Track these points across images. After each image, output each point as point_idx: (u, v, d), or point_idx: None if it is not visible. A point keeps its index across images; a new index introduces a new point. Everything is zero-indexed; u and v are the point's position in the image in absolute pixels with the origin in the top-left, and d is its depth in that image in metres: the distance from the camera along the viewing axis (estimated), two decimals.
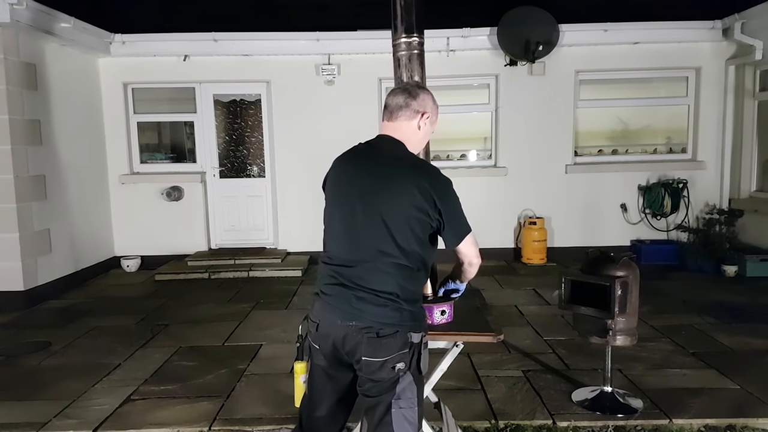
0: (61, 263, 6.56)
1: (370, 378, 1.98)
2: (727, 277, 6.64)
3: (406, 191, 1.96)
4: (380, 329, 1.94)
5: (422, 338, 2.02)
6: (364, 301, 1.95)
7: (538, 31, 7.10)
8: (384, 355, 1.93)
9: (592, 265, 3.42)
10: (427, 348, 2.07)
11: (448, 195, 2.02)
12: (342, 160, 2.18)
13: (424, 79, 2.52)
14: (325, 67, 7.51)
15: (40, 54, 6.32)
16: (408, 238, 1.97)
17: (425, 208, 1.96)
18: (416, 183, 1.97)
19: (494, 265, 7.49)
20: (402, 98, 2.10)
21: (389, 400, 1.96)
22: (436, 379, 2.51)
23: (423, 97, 2.11)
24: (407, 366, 1.96)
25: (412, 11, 2.43)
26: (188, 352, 4.56)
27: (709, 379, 3.87)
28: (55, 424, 3.42)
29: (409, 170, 2.02)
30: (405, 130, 2.09)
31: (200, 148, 7.91)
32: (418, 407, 2.01)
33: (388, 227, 1.95)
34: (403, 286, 1.97)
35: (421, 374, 2.03)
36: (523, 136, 7.71)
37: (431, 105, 2.13)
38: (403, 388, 1.96)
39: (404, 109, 2.08)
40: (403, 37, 2.45)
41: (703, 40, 7.46)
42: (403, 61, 2.46)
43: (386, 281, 1.96)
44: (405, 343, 1.95)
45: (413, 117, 2.09)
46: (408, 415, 1.96)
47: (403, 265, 1.97)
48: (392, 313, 1.95)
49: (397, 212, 1.96)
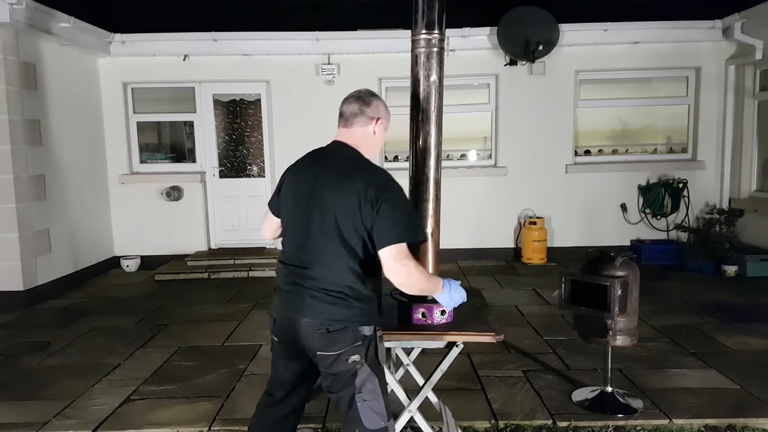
0: (61, 263, 6.55)
1: (329, 372, 2.11)
2: (727, 277, 6.63)
3: (354, 194, 2.04)
4: (330, 325, 2.05)
5: (375, 331, 2.12)
6: (317, 300, 2.07)
7: (538, 31, 7.10)
8: (336, 349, 2.05)
9: (592, 265, 3.42)
10: (383, 341, 2.19)
11: (386, 199, 2.04)
12: (297, 165, 2.29)
13: (443, 79, 2.49)
14: (324, 66, 7.51)
15: (40, 54, 6.31)
16: (356, 240, 2.05)
17: (369, 211, 2.02)
18: (363, 185, 2.04)
19: (494, 265, 7.50)
20: (356, 106, 2.21)
21: (352, 394, 2.07)
22: (436, 379, 2.51)
23: (376, 104, 2.24)
24: (363, 358, 2.07)
25: (434, 7, 2.40)
26: (188, 352, 4.56)
27: (709, 379, 3.86)
28: (55, 424, 3.41)
29: (359, 174, 2.09)
30: (360, 135, 2.21)
31: (200, 148, 7.91)
32: (383, 397, 2.11)
33: (339, 229, 2.05)
34: (352, 285, 2.07)
35: (380, 365, 2.13)
36: (523, 136, 7.70)
37: (384, 111, 2.26)
38: (362, 380, 2.07)
39: (359, 116, 2.21)
40: (423, 33, 2.42)
41: (703, 39, 7.46)
42: (422, 58, 2.43)
43: (337, 281, 2.06)
44: (357, 337, 2.06)
45: (368, 123, 2.21)
46: (374, 406, 2.07)
47: (353, 266, 2.07)
48: (342, 310, 2.06)
49: (346, 214, 2.04)
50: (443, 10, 2.43)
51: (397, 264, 2.02)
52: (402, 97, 7.55)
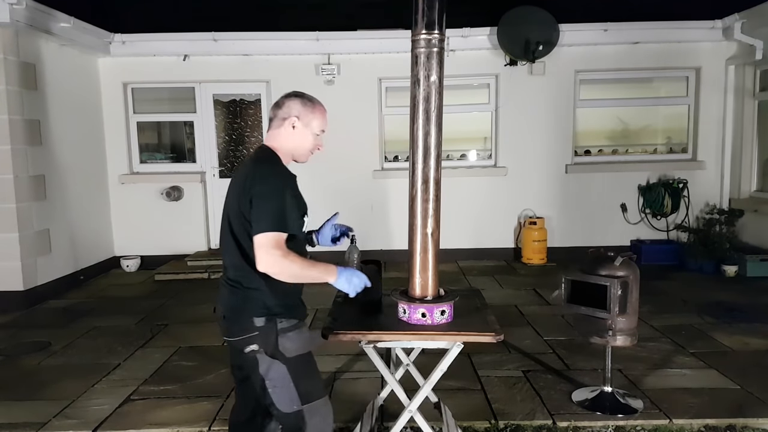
0: (61, 263, 6.56)
1: (234, 363, 2.30)
2: (727, 277, 6.63)
3: (240, 189, 2.16)
4: (226, 313, 2.20)
5: (270, 323, 2.14)
6: (223, 288, 2.26)
7: (538, 31, 7.10)
8: (231, 337, 2.18)
9: (592, 265, 3.42)
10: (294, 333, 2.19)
11: (257, 192, 2.11)
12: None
13: (443, 79, 2.49)
14: (324, 66, 7.51)
15: (40, 54, 6.31)
16: (242, 232, 2.15)
17: (247, 204, 2.11)
18: (247, 180, 2.15)
19: (494, 265, 7.50)
20: (272, 111, 2.32)
21: (260, 381, 2.16)
22: (436, 379, 2.51)
23: (288, 104, 2.28)
24: (261, 348, 2.13)
25: (434, 7, 2.40)
26: (188, 352, 4.56)
27: (709, 379, 3.86)
28: (55, 424, 3.42)
29: (248, 170, 2.21)
30: (277, 136, 2.29)
31: (200, 148, 7.91)
32: (295, 384, 2.15)
33: (231, 224, 2.19)
34: (244, 275, 2.16)
35: (286, 357, 2.15)
36: (524, 136, 7.71)
37: (298, 108, 2.28)
38: (265, 369, 2.14)
39: (275, 120, 2.30)
40: (423, 33, 2.42)
41: (703, 40, 7.46)
42: (422, 58, 2.43)
43: (233, 272, 2.21)
44: (250, 327, 2.13)
45: (281, 124, 2.27)
46: (284, 392, 2.14)
47: (243, 258, 2.16)
48: (236, 300, 2.18)
49: (234, 208, 2.17)
50: (443, 10, 2.43)
51: (260, 253, 2.06)
52: (402, 97, 7.63)
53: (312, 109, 2.29)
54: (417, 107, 2.48)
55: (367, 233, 6.47)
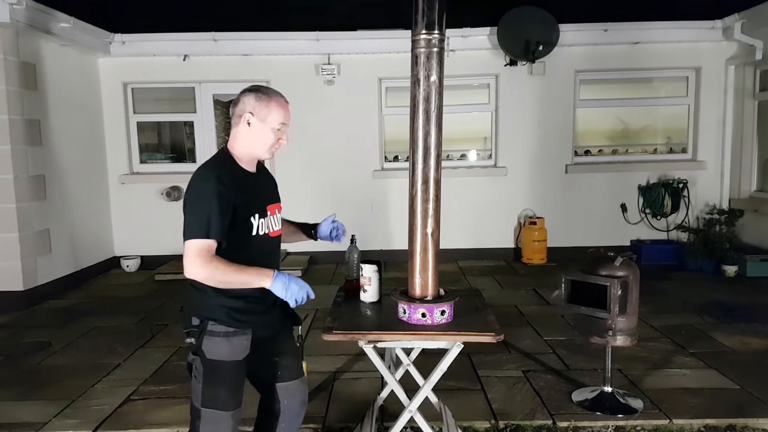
0: (61, 263, 6.55)
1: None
2: (727, 277, 6.63)
3: None
4: (183, 306, 2.32)
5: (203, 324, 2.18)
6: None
7: (538, 31, 7.10)
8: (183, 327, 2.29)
9: (592, 265, 3.42)
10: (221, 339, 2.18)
11: (187, 194, 2.15)
12: None
13: (443, 79, 2.49)
14: (325, 67, 7.51)
15: (40, 54, 6.31)
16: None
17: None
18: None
19: (494, 265, 7.50)
20: (231, 108, 2.29)
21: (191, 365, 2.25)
22: (436, 379, 2.51)
23: (243, 101, 2.21)
24: (193, 343, 2.21)
25: (434, 7, 2.40)
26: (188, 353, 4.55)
27: (709, 379, 3.87)
28: (55, 424, 3.42)
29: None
30: (235, 135, 2.24)
31: (200, 148, 7.90)
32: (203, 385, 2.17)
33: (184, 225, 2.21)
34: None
35: (207, 358, 2.17)
36: (523, 136, 7.71)
37: (252, 103, 2.19)
38: (192, 359, 2.24)
39: (232, 118, 2.26)
40: (423, 33, 2.42)
41: (703, 40, 7.46)
42: (422, 59, 2.43)
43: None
44: (189, 323, 2.25)
45: (238, 122, 2.22)
46: (197, 387, 2.19)
47: None
48: (188, 297, 2.27)
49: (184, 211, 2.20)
50: (443, 10, 2.43)
51: (185, 260, 2.09)
52: (402, 97, 7.63)
53: (267, 103, 2.18)
54: (417, 107, 2.48)
55: (367, 233, 6.47)
